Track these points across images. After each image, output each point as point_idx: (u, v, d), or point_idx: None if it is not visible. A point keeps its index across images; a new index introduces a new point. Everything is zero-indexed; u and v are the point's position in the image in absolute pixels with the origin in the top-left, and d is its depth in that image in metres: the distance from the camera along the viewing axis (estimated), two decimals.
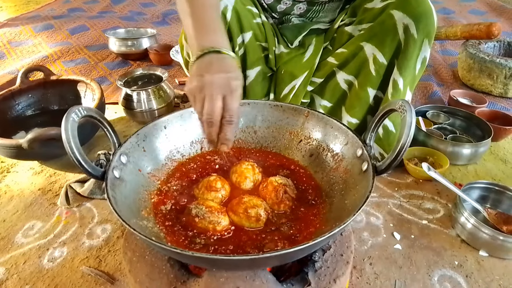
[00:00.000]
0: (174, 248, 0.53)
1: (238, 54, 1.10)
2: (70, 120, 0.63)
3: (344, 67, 1.13)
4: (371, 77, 1.08)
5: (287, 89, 1.18)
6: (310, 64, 1.16)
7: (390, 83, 1.05)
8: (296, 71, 1.15)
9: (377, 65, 1.06)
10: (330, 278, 0.67)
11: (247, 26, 1.08)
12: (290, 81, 1.16)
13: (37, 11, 2.98)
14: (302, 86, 1.17)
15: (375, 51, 1.05)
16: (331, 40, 1.19)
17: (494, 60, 1.67)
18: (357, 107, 1.13)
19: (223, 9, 1.03)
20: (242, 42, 1.10)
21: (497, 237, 0.92)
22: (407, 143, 0.61)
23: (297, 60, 1.16)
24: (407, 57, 1.01)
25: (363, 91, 1.10)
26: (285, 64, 1.17)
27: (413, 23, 0.97)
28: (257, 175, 0.80)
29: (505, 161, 1.33)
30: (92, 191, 1.13)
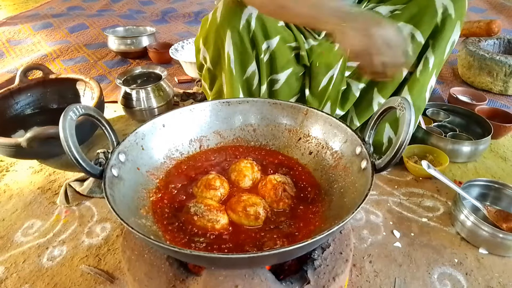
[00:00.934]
0: (172, 247, 0.53)
1: (263, 60, 1.10)
2: (68, 119, 0.63)
3: None
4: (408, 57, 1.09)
5: (325, 80, 1.16)
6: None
7: (422, 60, 1.08)
8: (331, 60, 1.14)
9: (415, 44, 1.07)
10: (329, 276, 0.66)
11: (273, 32, 1.08)
12: (326, 72, 1.15)
13: (36, 10, 2.97)
14: (340, 74, 1.15)
15: (413, 30, 1.05)
16: None
17: (494, 58, 1.67)
18: (389, 87, 1.14)
19: (248, 17, 1.02)
20: (267, 48, 1.09)
21: (497, 234, 0.92)
22: (406, 141, 0.61)
23: (329, 49, 1.15)
24: (443, 37, 1.04)
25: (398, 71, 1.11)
26: (318, 56, 1.15)
27: (452, 4, 0.99)
28: (256, 173, 0.80)
29: (505, 159, 1.33)
30: (91, 189, 1.13)
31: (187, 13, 2.97)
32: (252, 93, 1.15)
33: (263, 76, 1.13)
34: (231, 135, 0.92)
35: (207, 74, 1.21)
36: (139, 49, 2.15)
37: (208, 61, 1.15)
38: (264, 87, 1.14)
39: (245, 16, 1.02)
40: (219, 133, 0.91)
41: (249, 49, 1.07)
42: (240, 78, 1.11)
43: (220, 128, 0.91)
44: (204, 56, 1.16)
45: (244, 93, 1.13)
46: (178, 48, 1.99)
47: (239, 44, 1.05)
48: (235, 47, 1.06)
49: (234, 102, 0.91)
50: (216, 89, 1.22)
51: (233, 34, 1.04)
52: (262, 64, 1.10)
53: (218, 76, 1.17)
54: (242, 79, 1.11)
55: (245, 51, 1.07)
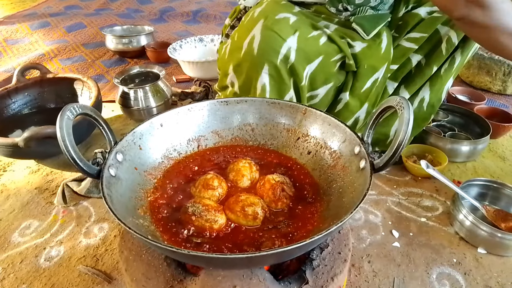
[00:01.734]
0: (170, 247, 0.52)
1: (304, 86, 1.06)
2: (65, 118, 0.62)
3: (419, 50, 1.13)
4: (441, 56, 1.10)
5: (369, 83, 1.13)
6: (388, 54, 1.13)
7: (449, 59, 1.10)
8: (377, 63, 1.12)
9: (449, 45, 1.08)
10: (327, 276, 0.66)
11: (315, 54, 1.04)
12: (372, 74, 1.12)
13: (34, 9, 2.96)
14: (383, 78, 1.14)
15: (449, 31, 1.07)
16: (397, 28, 1.18)
17: (493, 57, 1.67)
18: (418, 83, 1.15)
19: (287, 51, 0.98)
20: (307, 72, 1.06)
21: (496, 234, 0.92)
22: (405, 140, 0.60)
23: (377, 52, 1.12)
24: (472, 42, 1.07)
25: (429, 69, 1.12)
26: (366, 58, 1.11)
27: None
28: (255, 173, 0.79)
29: (503, 158, 1.33)
30: (89, 189, 1.13)
31: (186, 12, 2.96)
32: None
33: (303, 98, 1.09)
34: (229, 134, 0.92)
35: (231, 96, 1.17)
36: (137, 48, 2.14)
37: (237, 87, 1.12)
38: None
39: (284, 50, 0.98)
40: (217, 132, 0.91)
41: (287, 80, 1.04)
42: None
43: (218, 127, 0.91)
44: (233, 81, 1.12)
45: None
46: (176, 48, 1.99)
47: (275, 76, 1.02)
48: (272, 79, 1.02)
49: (232, 101, 0.90)
50: None
51: (270, 67, 1.00)
52: (303, 89, 1.07)
53: None
54: None
55: (282, 81, 1.03)
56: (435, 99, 1.15)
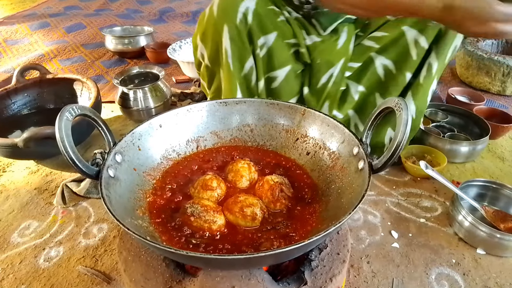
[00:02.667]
0: (169, 248, 0.52)
1: (259, 56, 1.09)
2: (64, 119, 0.62)
3: (383, 51, 1.12)
4: (411, 61, 1.08)
5: (325, 78, 1.15)
6: (345, 50, 1.14)
7: (425, 66, 1.08)
8: (333, 58, 1.13)
9: (419, 49, 1.07)
10: (326, 276, 0.66)
11: (270, 27, 1.06)
12: (327, 69, 1.14)
13: (34, 9, 2.96)
14: (341, 73, 1.15)
15: (417, 35, 1.05)
16: (363, 27, 1.18)
17: (492, 58, 1.67)
18: (393, 92, 1.13)
19: (244, 11, 1.01)
20: (264, 44, 1.08)
21: (494, 235, 0.92)
22: (403, 141, 0.61)
23: (332, 47, 1.14)
24: (446, 42, 1.03)
25: (401, 75, 1.11)
26: (320, 53, 1.14)
27: None
28: (253, 174, 0.79)
29: (502, 159, 1.33)
30: (88, 190, 1.13)
31: (185, 12, 2.96)
32: (251, 90, 1.14)
33: (260, 72, 1.11)
34: (228, 135, 0.92)
35: (205, 72, 1.20)
36: (137, 49, 2.15)
37: (206, 57, 1.14)
38: (262, 84, 1.13)
39: (242, 9, 1.01)
40: (216, 133, 0.91)
41: (246, 44, 1.06)
42: (238, 74, 1.10)
43: (217, 128, 0.91)
44: (202, 53, 1.15)
45: (242, 89, 1.12)
46: (175, 48, 1.99)
47: (236, 38, 1.04)
48: (233, 42, 1.04)
49: (232, 102, 0.91)
50: (215, 86, 1.21)
51: (230, 28, 1.02)
52: (259, 59, 1.09)
53: (216, 73, 1.17)
54: (240, 75, 1.10)
55: (243, 45, 1.06)
56: (421, 105, 1.13)
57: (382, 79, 1.14)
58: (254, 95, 1.16)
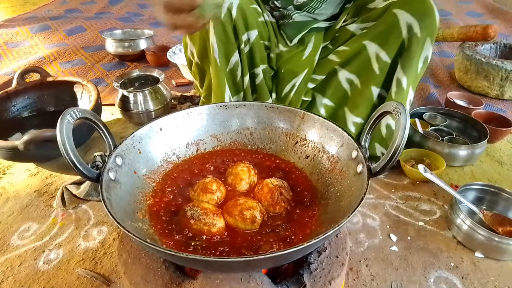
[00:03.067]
0: (168, 250, 0.53)
1: (244, 51, 1.10)
2: (65, 122, 0.63)
3: (346, 65, 1.13)
4: (374, 75, 1.08)
5: (288, 87, 1.17)
6: (310, 61, 1.15)
7: (394, 82, 1.07)
8: (296, 69, 1.15)
9: (381, 64, 1.06)
10: (325, 279, 0.67)
11: (253, 24, 1.08)
12: (290, 79, 1.16)
13: (34, 12, 2.97)
14: (303, 83, 1.16)
15: (378, 50, 1.05)
16: (332, 39, 1.19)
17: (491, 62, 1.68)
18: (361, 106, 1.13)
19: (229, 6, 1.03)
20: (248, 40, 1.10)
21: (493, 238, 0.92)
22: (401, 145, 0.61)
23: (297, 57, 1.16)
24: (411, 55, 1.02)
25: (366, 90, 1.11)
26: (285, 62, 1.17)
27: (417, 22, 0.98)
28: (253, 177, 0.80)
29: (501, 163, 1.34)
30: (88, 193, 1.13)
31: None
32: (237, 85, 1.16)
33: (245, 67, 1.13)
34: (228, 138, 0.92)
35: (196, 70, 1.22)
36: (137, 52, 2.15)
37: (195, 55, 1.16)
38: (247, 79, 1.15)
39: (226, 5, 1.03)
40: (216, 136, 0.92)
41: (232, 39, 1.08)
42: (225, 69, 1.11)
43: (217, 131, 0.92)
44: (192, 51, 1.17)
45: (229, 84, 1.14)
46: (175, 51, 2.00)
47: (222, 33, 1.06)
48: (218, 37, 1.06)
49: (231, 105, 0.91)
50: (207, 84, 1.22)
51: (215, 24, 1.04)
52: (243, 54, 1.11)
53: (206, 70, 1.18)
54: (226, 70, 1.12)
55: (228, 40, 1.07)
56: None
57: (349, 93, 1.15)
58: (240, 90, 1.17)
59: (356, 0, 1.16)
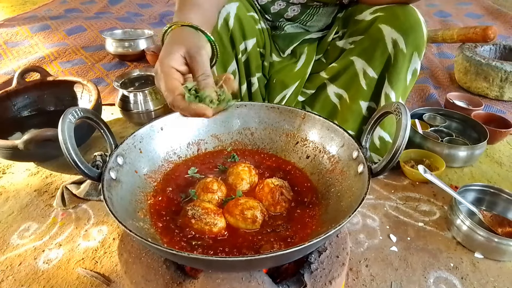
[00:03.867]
0: (170, 249, 0.53)
1: (242, 60, 1.10)
2: (66, 121, 0.63)
3: (335, 80, 1.14)
4: (362, 90, 1.09)
5: (278, 98, 1.18)
6: (301, 73, 1.16)
7: (382, 96, 1.07)
8: (287, 80, 1.16)
9: (368, 79, 1.07)
10: (325, 279, 0.67)
11: (250, 33, 1.08)
12: (281, 90, 1.17)
13: (34, 12, 2.97)
14: (293, 95, 1.18)
15: (365, 66, 1.06)
16: (325, 52, 1.20)
17: (490, 63, 1.68)
18: (350, 120, 1.14)
19: (226, 16, 1.02)
20: (245, 49, 1.09)
21: (492, 239, 0.93)
22: (402, 146, 0.61)
23: (289, 69, 1.17)
24: (397, 70, 1.02)
25: (355, 104, 1.11)
26: (276, 72, 1.17)
27: (402, 38, 0.98)
28: (254, 177, 0.80)
29: (500, 164, 1.34)
30: (88, 192, 1.13)
31: None
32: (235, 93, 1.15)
33: (242, 76, 1.13)
34: (229, 138, 0.92)
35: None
36: (137, 52, 2.15)
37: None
38: (244, 87, 1.15)
39: (222, 15, 1.02)
40: (217, 136, 0.92)
41: (229, 48, 1.07)
42: None
43: (218, 131, 0.92)
44: None
45: None
46: None
47: (219, 43, 1.03)
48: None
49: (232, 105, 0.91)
50: None
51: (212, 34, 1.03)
52: (241, 63, 1.11)
53: None
54: None
55: (225, 50, 1.07)
56: (392, 129, 1.13)
57: (339, 107, 1.16)
58: (238, 98, 1.17)
59: (346, 10, 1.15)
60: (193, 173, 0.82)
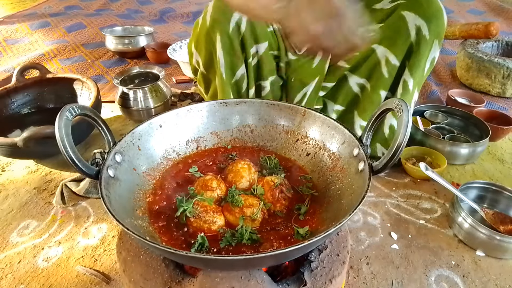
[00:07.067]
0: (168, 248, 0.52)
1: (251, 64, 1.09)
2: (64, 119, 0.62)
3: (355, 70, 1.12)
4: (383, 79, 1.08)
5: (299, 96, 1.16)
6: (320, 70, 1.14)
7: (400, 84, 1.07)
8: (306, 78, 1.14)
9: (390, 67, 1.06)
10: (326, 278, 0.66)
11: (262, 36, 1.06)
12: (301, 88, 1.15)
13: (34, 9, 2.96)
14: (314, 92, 1.16)
15: (387, 53, 1.05)
16: None
17: (492, 60, 1.67)
18: (368, 110, 1.13)
19: (238, 20, 1.01)
20: (256, 53, 1.08)
21: (494, 237, 0.92)
22: (403, 143, 0.61)
23: (306, 67, 1.14)
24: (419, 57, 1.02)
25: (375, 94, 1.10)
26: (294, 71, 1.15)
27: (425, 24, 0.98)
28: (253, 175, 0.79)
29: (502, 161, 1.33)
30: (87, 190, 1.12)
31: (185, 13, 2.96)
32: (241, 97, 1.15)
33: (251, 80, 1.12)
34: (228, 135, 0.92)
35: (201, 78, 1.20)
36: (137, 49, 2.14)
37: (201, 65, 1.14)
38: (252, 91, 1.14)
39: (235, 19, 1.01)
40: (216, 133, 0.91)
41: (239, 52, 1.07)
42: (230, 82, 1.10)
43: (217, 128, 0.91)
44: (197, 60, 1.15)
45: (234, 97, 1.13)
46: (176, 48, 1.99)
47: (228, 47, 1.05)
48: (225, 51, 1.05)
49: (232, 103, 0.90)
50: (212, 92, 1.21)
51: (222, 37, 1.03)
52: (250, 67, 1.10)
53: (212, 79, 1.17)
54: (231, 82, 1.11)
55: (235, 54, 1.06)
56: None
57: (360, 97, 1.14)
58: None
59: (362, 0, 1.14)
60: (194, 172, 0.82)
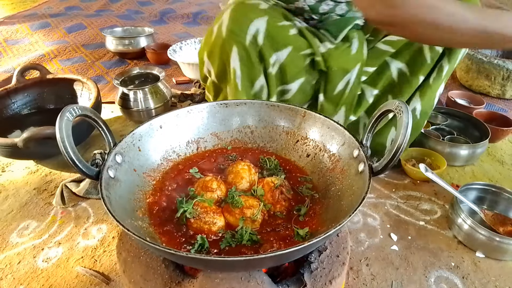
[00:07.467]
0: (168, 249, 0.52)
1: (272, 74, 1.07)
2: (64, 119, 0.62)
3: (398, 55, 1.12)
4: (426, 64, 1.08)
5: (341, 85, 1.13)
6: (360, 55, 1.13)
7: (436, 68, 1.08)
8: (348, 65, 1.12)
9: (434, 53, 1.06)
10: (326, 279, 0.66)
11: (283, 43, 1.04)
12: (343, 76, 1.12)
13: (34, 9, 2.96)
14: (357, 78, 1.14)
15: None
16: (372, 31, 1.17)
17: (492, 61, 1.67)
18: (405, 94, 1.13)
19: (255, 33, 0.99)
20: (276, 61, 1.06)
21: (494, 238, 0.92)
22: (403, 144, 0.61)
23: (346, 54, 1.12)
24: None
25: (415, 79, 1.10)
26: (334, 60, 1.11)
27: None
28: (253, 176, 0.79)
29: (502, 162, 1.33)
30: (87, 190, 1.12)
31: (186, 14, 2.97)
32: None
33: (272, 88, 1.10)
34: (229, 136, 0.92)
35: (211, 87, 1.19)
36: (137, 50, 2.15)
37: (213, 74, 1.13)
38: (274, 99, 1.12)
39: (252, 31, 0.99)
40: (216, 134, 0.91)
41: (257, 64, 1.04)
42: (247, 93, 1.08)
43: (217, 129, 0.91)
44: (209, 70, 1.13)
45: None
46: (176, 49, 1.99)
47: (245, 59, 1.03)
48: (242, 62, 1.03)
49: (232, 103, 0.91)
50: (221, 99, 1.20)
51: (239, 49, 1.01)
52: (271, 77, 1.07)
53: (223, 88, 1.16)
54: (250, 93, 1.09)
55: (252, 66, 1.04)
56: (427, 106, 1.14)
57: (396, 81, 1.14)
58: None
59: None
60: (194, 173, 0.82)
